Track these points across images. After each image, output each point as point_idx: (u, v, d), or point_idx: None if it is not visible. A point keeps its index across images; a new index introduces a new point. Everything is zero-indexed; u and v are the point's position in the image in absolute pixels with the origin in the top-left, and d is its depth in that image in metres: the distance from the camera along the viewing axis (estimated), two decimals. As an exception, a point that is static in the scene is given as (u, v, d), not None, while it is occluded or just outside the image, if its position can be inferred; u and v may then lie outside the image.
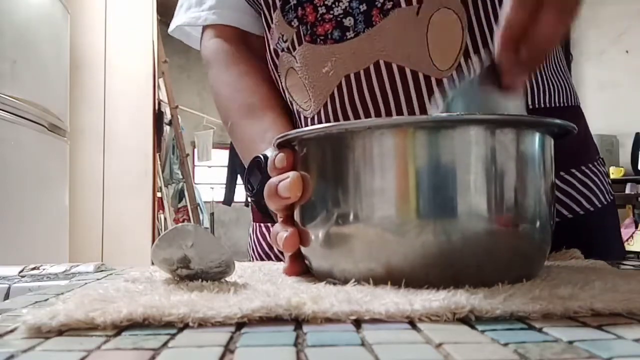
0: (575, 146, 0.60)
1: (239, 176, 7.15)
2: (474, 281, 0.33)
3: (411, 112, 0.56)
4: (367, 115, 0.58)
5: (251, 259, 0.72)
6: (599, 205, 0.61)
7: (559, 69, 0.64)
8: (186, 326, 0.26)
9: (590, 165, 0.62)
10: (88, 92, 2.92)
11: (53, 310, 0.27)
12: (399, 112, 0.56)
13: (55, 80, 2.31)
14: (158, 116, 3.43)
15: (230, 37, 0.72)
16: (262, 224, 0.71)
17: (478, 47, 0.57)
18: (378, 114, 0.57)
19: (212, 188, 7.16)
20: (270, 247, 0.69)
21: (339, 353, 0.22)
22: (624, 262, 0.52)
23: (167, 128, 4.18)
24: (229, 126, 0.68)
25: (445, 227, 0.34)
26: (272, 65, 0.67)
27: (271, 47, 0.66)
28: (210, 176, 7.53)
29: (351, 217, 0.36)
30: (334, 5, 0.58)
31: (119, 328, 0.26)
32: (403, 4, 0.56)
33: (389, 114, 0.56)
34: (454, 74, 0.56)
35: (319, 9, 0.59)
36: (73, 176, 2.62)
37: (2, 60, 1.89)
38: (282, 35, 0.63)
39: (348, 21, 0.58)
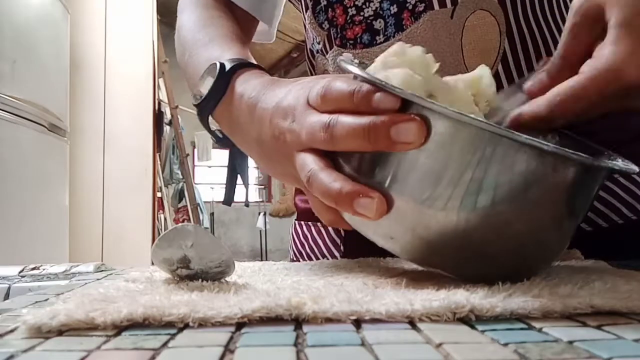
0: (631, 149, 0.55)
1: (238, 176, 7.15)
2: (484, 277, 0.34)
3: None
4: None
5: (292, 257, 0.72)
6: None
7: None
8: (186, 326, 0.26)
9: None
10: (88, 92, 2.92)
11: (53, 310, 0.27)
12: None
13: (55, 80, 2.31)
14: (158, 116, 3.43)
15: None
16: (302, 222, 0.71)
17: (517, 53, 0.52)
18: None
19: (212, 188, 7.17)
20: (303, 245, 0.69)
21: (339, 353, 0.22)
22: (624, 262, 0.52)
23: (167, 128, 4.19)
24: (185, 58, 0.57)
25: (476, 224, 0.33)
26: (310, 65, 0.65)
27: (308, 47, 0.65)
28: (210, 176, 7.53)
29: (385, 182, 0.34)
30: (364, 6, 0.55)
31: (119, 328, 0.26)
32: (436, 6, 0.52)
33: None
34: None
35: (349, 10, 0.56)
36: (73, 176, 2.62)
37: (2, 60, 1.89)
38: (316, 37, 0.61)
39: (378, 24, 0.55)
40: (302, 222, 0.71)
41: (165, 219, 4.08)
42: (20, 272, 0.54)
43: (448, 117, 0.32)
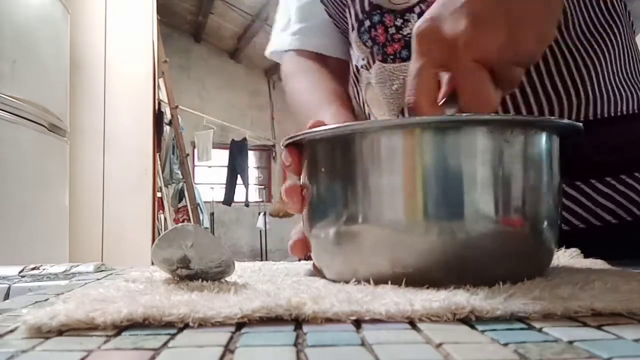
0: (629, 152, 0.58)
1: (238, 176, 7.17)
2: (480, 281, 0.33)
3: None
4: None
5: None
6: None
7: (620, 75, 0.60)
8: (186, 326, 0.26)
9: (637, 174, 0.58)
10: (88, 92, 2.92)
11: (53, 310, 0.27)
12: None
13: (55, 80, 2.31)
14: (158, 116, 3.43)
15: (309, 57, 0.77)
16: None
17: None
18: None
19: (212, 188, 7.17)
20: None
21: (339, 353, 0.22)
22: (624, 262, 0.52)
23: (167, 128, 4.19)
24: (301, 118, 0.74)
25: (452, 227, 0.34)
26: (355, 79, 0.72)
27: (353, 64, 0.71)
28: (210, 176, 7.53)
29: (357, 218, 0.37)
30: (403, 26, 0.62)
31: (119, 328, 0.26)
32: None
33: None
34: None
35: (389, 29, 0.63)
36: (73, 176, 2.62)
37: (2, 60, 1.89)
38: (360, 55, 0.68)
39: None
40: None
41: (165, 219, 4.08)
42: (20, 272, 0.55)
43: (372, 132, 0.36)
